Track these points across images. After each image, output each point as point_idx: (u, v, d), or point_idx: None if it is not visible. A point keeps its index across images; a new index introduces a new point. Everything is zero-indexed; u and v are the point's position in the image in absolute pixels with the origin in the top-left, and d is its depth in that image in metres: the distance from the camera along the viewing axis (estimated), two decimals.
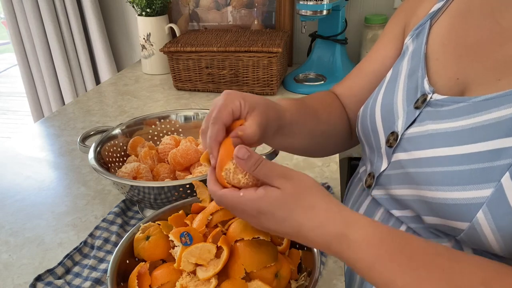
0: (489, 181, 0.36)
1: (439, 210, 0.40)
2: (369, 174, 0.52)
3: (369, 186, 0.52)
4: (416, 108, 0.46)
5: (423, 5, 0.54)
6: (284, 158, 0.88)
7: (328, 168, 0.85)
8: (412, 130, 0.45)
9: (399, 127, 0.47)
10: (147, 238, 0.52)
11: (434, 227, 0.43)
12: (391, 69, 0.54)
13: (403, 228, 0.47)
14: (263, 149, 0.74)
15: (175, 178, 0.74)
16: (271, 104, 0.47)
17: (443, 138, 0.41)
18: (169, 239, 0.50)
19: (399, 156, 0.46)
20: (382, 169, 0.48)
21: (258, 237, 0.46)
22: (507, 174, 0.35)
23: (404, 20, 0.58)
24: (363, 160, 0.60)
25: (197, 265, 0.47)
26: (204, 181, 0.57)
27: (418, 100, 0.46)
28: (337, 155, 0.89)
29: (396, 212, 0.48)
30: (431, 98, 0.45)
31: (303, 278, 0.50)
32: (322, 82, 1.21)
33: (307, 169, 0.85)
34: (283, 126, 0.49)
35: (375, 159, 0.51)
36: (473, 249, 0.41)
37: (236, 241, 0.47)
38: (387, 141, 0.48)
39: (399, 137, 0.46)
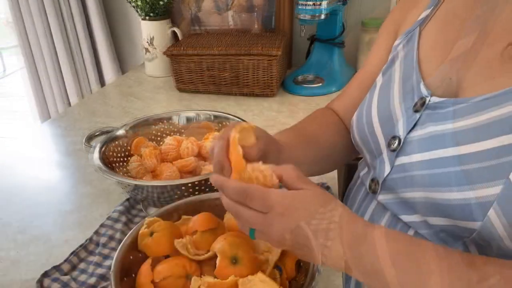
0: (497, 178, 0.36)
1: (449, 211, 0.40)
2: (372, 180, 0.52)
3: (373, 192, 0.51)
4: (416, 111, 0.46)
5: (412, 11, 0.55)
6: None
7: None
8: (414, 133, 0.45)
9: (400, 131, 0.46)
10: (151, 234, 0.52)
11: (444, 229, 0.43)
12: (381, 74, 0.55)
13: (410, 232, 0.47)
14: None
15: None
16: (270, 137, 0.52)
17: (446, 139, 0.41)
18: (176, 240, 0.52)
19: (403, 160, 0.46)
20: (386, 173, 0.48)
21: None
22: None
23: (395, 29, 0.58)
24: (362, 164, 0.60)
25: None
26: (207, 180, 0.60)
27: (416, 103, 0.46)
28: None
29: (405, 217, 0.47)
30: (429, 101, 0.45)
31: (302, 275, 0.51)
32: (320, 84, 1.23)
33: None
34: (284, 159, 0.52)
35: (377, 165, 0.51)
36: (478, 251, 0.41)
37: None
38: (389, 145, 0.48)
39: (402, 141, 0.46)
